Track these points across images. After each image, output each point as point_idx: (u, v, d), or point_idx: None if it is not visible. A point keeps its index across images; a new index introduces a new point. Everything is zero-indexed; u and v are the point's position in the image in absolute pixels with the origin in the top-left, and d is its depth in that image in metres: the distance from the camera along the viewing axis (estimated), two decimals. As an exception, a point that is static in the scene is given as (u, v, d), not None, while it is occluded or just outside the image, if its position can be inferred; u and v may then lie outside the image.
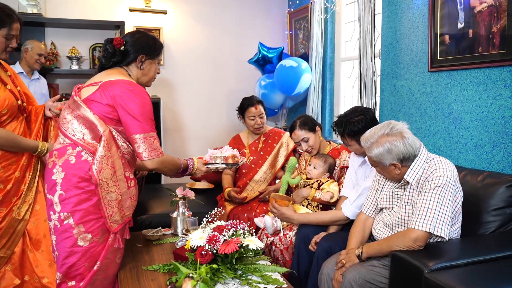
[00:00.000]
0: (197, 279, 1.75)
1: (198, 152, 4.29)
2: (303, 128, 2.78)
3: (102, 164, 1.90)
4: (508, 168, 2.33)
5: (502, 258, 1.80)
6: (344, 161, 2.75)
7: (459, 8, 2.54)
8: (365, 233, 2.24)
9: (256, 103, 3.32)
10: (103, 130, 1.92)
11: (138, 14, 4.56)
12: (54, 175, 1.95)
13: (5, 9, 2.18)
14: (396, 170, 2.02)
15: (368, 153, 2.05)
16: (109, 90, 1.96)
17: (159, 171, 2.12)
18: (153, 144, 1.99)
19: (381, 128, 2.02)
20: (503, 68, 2.32)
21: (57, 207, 1.93)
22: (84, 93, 2.03)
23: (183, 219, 2.65)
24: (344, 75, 4.15)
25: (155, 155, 2.00)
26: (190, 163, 2.29)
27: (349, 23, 4.06)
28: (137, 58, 2.10)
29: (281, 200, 2.60)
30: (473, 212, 2.12)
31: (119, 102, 1.94)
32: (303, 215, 2.59)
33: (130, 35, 2.14)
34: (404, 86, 3.07)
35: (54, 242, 1.98)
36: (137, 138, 1.96)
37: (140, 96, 1.98)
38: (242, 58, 4.86)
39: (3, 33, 2.16)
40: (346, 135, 2.40)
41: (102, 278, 2.01)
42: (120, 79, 2.01)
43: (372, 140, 2.01)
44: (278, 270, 2.06)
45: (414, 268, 1.74)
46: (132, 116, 1.94)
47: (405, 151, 1.96)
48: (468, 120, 2.56)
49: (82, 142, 1.95)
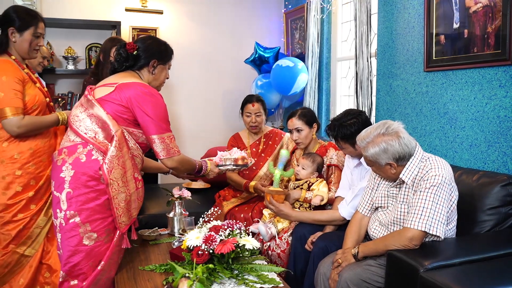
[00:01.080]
0: (193, 279, 1.75)
1: (194, 152, 4.28)
2: (301, 119, 2.81)
3: (113, 163, 1.93)
4: (503, 168, 2.34)
5: (497, 257, 1.82)
6: (331, 158, 2.75)
7: (455, 8, 2.55)
8: (361, 232, 2.25)
9: (255, 100, 3.32)
10: (115, 130, 1.97)
11: (134, 14, 4.55)
12: (63, 173, 1.97)
13: (29, 11, 2.38)
14: (392, 170, 2.02)
15: (364, 153, 2.05)
16: (125, 92, 2.02)
17: (177, 170, 2.24)
18: (171, 143, 2.09)
19: (377, 128, 2.02)
20: (498, 68, 2.34)
21: (63, 205, 1.95)
22: (98, 93, 2.08)
23: (179, 219, 2.65)
24: (340, 75, 4.16)
25: (173, 153, 2.10)
26: (204, 165, 2.40)
27: (345, 23, 4.07)
28: (150, 63, 2.17)
29: (278, 195, 2.58)
30: (468, 211, 2.14)
31: (135, 104, 2.01)
32: (300, 213, 2.60)
33: (142, 40, 2.21)
34: (400, 86, 3.08)
35: (59, 240, 2.01)
36: (154, 138, 2.05)
37: (155, 98, 2.05)
38: (238, 58, 4.86)
39: (31, 31, 2.33)
40: (340, 138, 2.43)
41: (106, 278, 2.03)
42: (135, 81, 2.07)
43: (368, 140, 2.02)
44: (275, 269, 2.06)
45: (409, 267, 1.75)
46: (149, 117, 2.01)
47: (401, 150, 1.97)
48: (463, 120, 2.57)
49: (93, 141, 1.98)
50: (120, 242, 2.04)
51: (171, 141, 2.10)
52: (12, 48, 2.35)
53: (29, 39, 2.34)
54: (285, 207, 2.58)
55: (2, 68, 2.24)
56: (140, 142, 2.12)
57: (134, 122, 2.07)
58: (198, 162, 2.37)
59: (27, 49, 2.36)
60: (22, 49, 2.35)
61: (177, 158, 2.13)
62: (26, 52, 2.37)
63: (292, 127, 2.84)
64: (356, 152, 2.44)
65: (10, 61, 2.31)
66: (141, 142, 2.13)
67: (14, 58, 2.35)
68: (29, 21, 2.33)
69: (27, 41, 2.34)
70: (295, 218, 2.59)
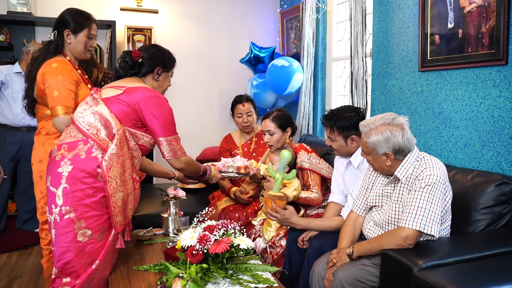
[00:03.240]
0: (187, 279, 1.75)
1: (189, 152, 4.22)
2: (275, 122, 2.75)
3: (112, 161, 1.96)
4: (497, 167, 2.35)
5: (491, 256, 1.82)
6: (302, 161, 2.66)
7: (449, 8, 2.55)
8: (355, 232, 2.25)
9: (245, 100, 3.31)
10: (117, 129, 2.02)
11: (129, 14, 4.54)
12: (61, 168, 1.98)
13: (83, 13, 2.53)
14: (388, 162, 2.02)
15: (365, 138, 2.04)
16: (134, 95, 2.09)
17: (183, 171, 2.35)
18: (177, 145, 2.18)
19: (383, 118, 2.03)
20: (492, 68, 2.34)
21: (59, 201, 1.96)
22: (105, 93, 2.14)
23: (174, 219, 2.64)
24: (335, 74, 4.16)
25: (180, 154, 2.20)
26: (208, 169, 2.51)
27: (340, 23, 4.07)
28: (154, 70, 2.25)
29: (280, 200, 2.36)
30: (462, 211, 2.14)
31: (144, 107, 2.08)
32: (308, 221, 2.44)
33: (146, 49, 2.28)
34: (395, 86, 3.09)
35: (53, 236, 2.01)
36: (162, 140, 2.13)
37: (162, 102, 2.13)
38: (233, 57, 4.86)
39: (85, 33, 2.49)
40: (336, 128, 2.41)
41: (99, 277, 2.03)
42: (143, 86, 2.16)
43: (372, 126, 2.02)
44: (269, 269, 2.06)
45: (404, 267, 1.75)
46: (156, 119, 2.09)
47: (402, 143, 1.98)
48: (458, 120, 2.58)
49: (95, 137, 2.01)
50: (115, 242, 2.04)
51: (177, 143, 2.18)
52: (67, 49, 2.50)
53: (83, 41, 2.49)
54: (291, 215, 2.39)
55: (59, 68, 2.36)
56: (140, 144, 2.16)
57: (138, 124, 2.12)
58: (203, 166, 2.47)
59: (81, 50, 2.50)
60: (77, 50, 2.50)
61: (184, 159, 2.23)
62: (80, 52, 2.51)
63: (265, 129, 2.77)
64: (345, 148, 2.43)
65: (67, 61, 2.45)
66: (141, 144, 2.17)
67: (69, 59, 2.48)
68: (83, 23, 2.47)
69: (81, 42, 2.48)
70: (301, 227, 2.41)
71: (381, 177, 2.18)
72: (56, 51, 2.47)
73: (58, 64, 2.37)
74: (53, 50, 2.47)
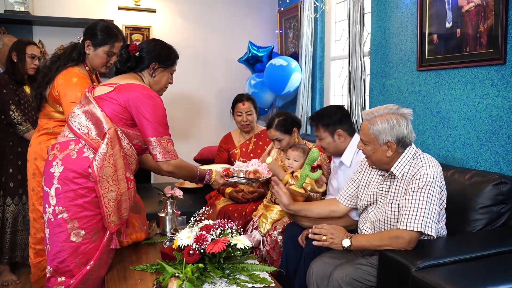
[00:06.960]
0: (183, 279, 1.74)
1: (187, 151, 4.25)
2: (279, 129, 2.78)
3: (103, 161, 1.92)
4: (495, 167, 2.34)
5: (489, 256, 1.81)
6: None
7: (447, 7, 2.55)
8: (328, 207, 2.32)
9: (245, 99, 3.31)
10: (108, 128, 1.97)
11: (127, 13, 4.52)
12: (53, 168, 1.97)
13: (113, 28, 2.48)
14: (388, 152, 2.00)
15: (368, 125, 2.01)
16: (124, 93, 2.02)
17: (174, 175, 2.20)
18: (167, 147, 2.08)
19: (386, 107, 2.03)
20: (490, 67, 2.34)
21: (52, 200, 1.95)
22: (97, 92, 2.09)
23: (171, 219, 2.63)
24: (333, 74, 4.15)
25: (170, 157, 2.09)
26: (207, 174, 2.38)
27: (338, 22, 4.07)
28: (150, 65, 2.16)
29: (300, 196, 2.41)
30: (460, 210, 2.14)
31: (133, 105, 2.01)
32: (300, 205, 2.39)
33: (146, 42, 2.22)
34: (393, 85, 3.08)
35: (47, 235, 2.00)
36: (151, 141, 2.05)
37: (154, 101, 2.05)
38: (231, 57, 4.84)
39: (105, 49, 2.45)
40: (321, 126, 2.47)
41: (95, 278, 2.02)
42: (135, 83, 2.07)
43: (377, 114, 2.01)
44: (266, 269, 2.05)
45: (401, 267, 1.74)
46: (146, 119, 2.02)
47: (406, 134, 1.98)
48: (456, 119, 2.57)
49: (86, 137, 1.98)
50: (110, 243, 2.02)
51: (168, 145, 2.09)
52: (87, 58, 2.48)
53: (102, 56, 2.46)
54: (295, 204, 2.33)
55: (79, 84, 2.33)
56: (134, 143, 2.11)
57: (130, 123, 2.07)
58: (200, 170, 2.34)
59: (97, 64, 2.49)
60: (94, 63, 2.49)
61: (173, 162, 2.12)
62: (97, 66, 2.51)
63: (272, 138, 2.83)
64: (334, 144, 2.48)
65: (85, 76, 2.42)
66: (135, 144, 2.12)
67: (88, 69, 2.49)
68: (106, 39, 2.43)
69: (100, 57, 2.46)
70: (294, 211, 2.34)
71: (376, 175, 2.16)
72: (78, 60, 2.45)
73: (78, 80, 2.35)
74: (75, 57, 2.45)
